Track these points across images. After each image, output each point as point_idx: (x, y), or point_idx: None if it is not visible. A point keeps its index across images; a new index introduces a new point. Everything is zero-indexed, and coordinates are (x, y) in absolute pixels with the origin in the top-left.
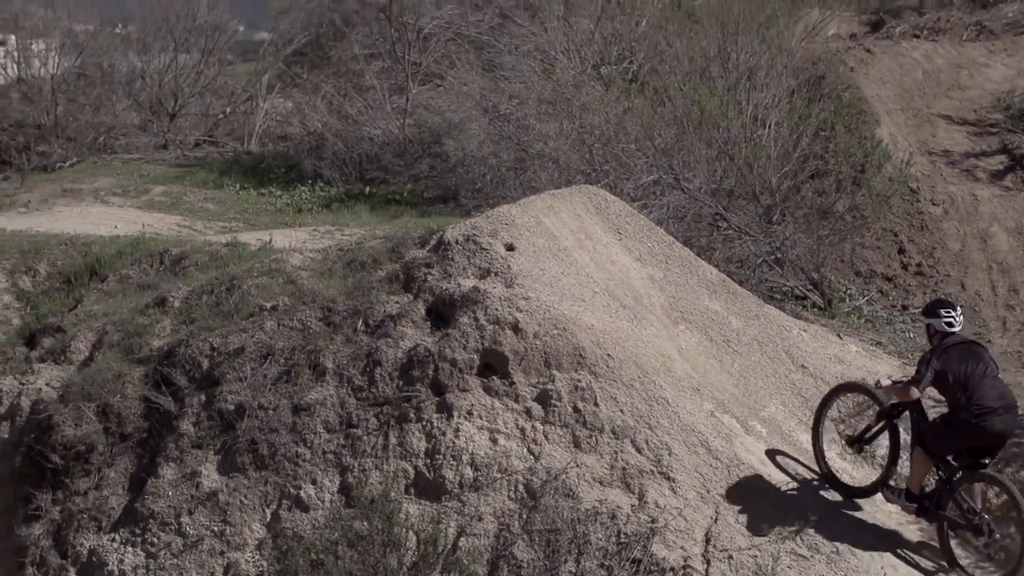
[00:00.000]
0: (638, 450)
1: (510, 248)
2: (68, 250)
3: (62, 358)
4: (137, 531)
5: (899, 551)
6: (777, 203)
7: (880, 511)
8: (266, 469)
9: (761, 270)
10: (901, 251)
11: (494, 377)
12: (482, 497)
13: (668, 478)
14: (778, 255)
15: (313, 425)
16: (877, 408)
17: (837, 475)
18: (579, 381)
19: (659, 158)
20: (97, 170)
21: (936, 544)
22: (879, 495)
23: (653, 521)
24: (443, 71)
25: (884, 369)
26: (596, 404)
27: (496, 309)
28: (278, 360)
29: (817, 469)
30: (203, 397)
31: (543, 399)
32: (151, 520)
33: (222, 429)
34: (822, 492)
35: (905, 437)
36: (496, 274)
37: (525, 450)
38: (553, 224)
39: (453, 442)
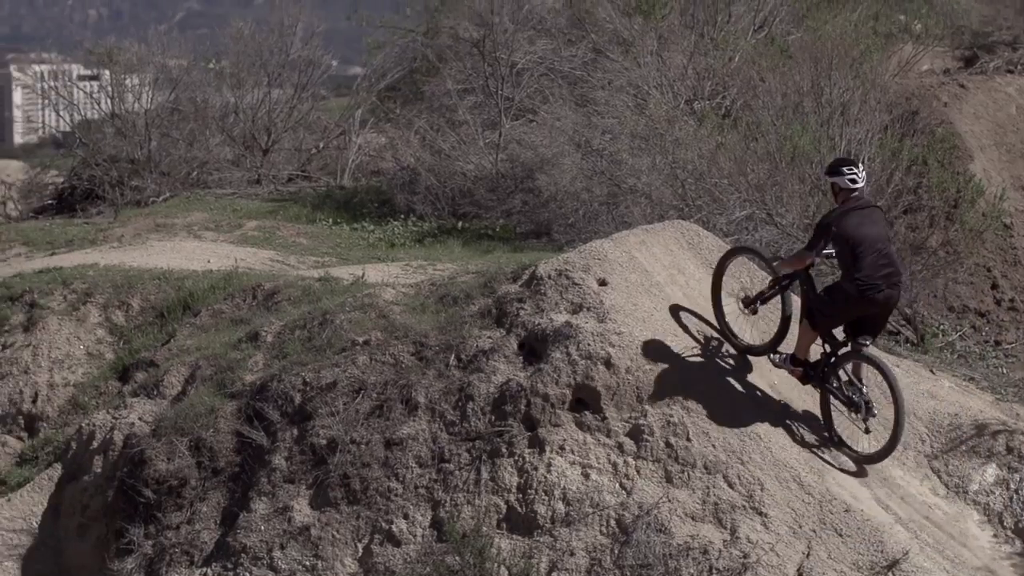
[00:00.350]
0: (730, 485)
1: (602, 283)
2: (161, 285)
3: (155, 393)
4: (229, 566)
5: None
6: None
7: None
8: (358, 504)
9: None
10: (994, 286)
11: (586, 412)
12: (574, 532)
13: (760, 513)
14: None
15: (405, 460)
16: (771, 275)
17: (734, 333)
18: (671, 416)
19: (752, 193)
20: (190, 205)
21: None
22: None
23: (745, 556)
24: (536, 106)
25: (977, 404)
26: (688, 439)
27: (588, 344)
28: (370, 395)
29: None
30: (295, 432)
31: (635, 434)
32: (243, 555)
33: (314, 464)
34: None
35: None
36: (588, 309)
37: (617, 485)
38: (645, 259)
39: (545, 477)
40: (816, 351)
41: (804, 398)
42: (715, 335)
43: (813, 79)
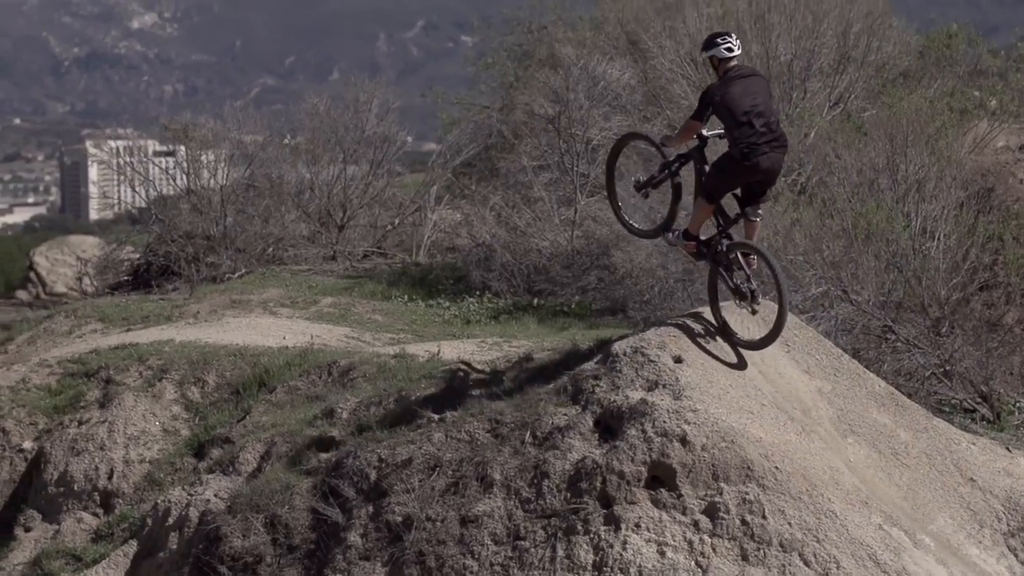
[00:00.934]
0: (806, 563)
1: (678, 360)
2: (237, 361)
3: (230, 469)
4: None
5: None
6: (946, 315)
7: None
8: None
9: (930, 383)
10: None
11: (662, 489)
12: None
13: None
14: (947, 368)
15: (481, 537)
16: (662, 159)
17: (627, 218)
18: (747, 494)
19: (827, 270)
20: (266, 281)
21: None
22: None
23: None
24: None
25: None
26: (764, 517)
27: (664, 421)
28: (446, 472)
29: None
30: (371, 508)
31: (711, 512)
32: None
33: (390, 541)
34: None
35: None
36: (664, 386)
37: (693, 563)
38: (721, 336)
39: (621, 555)
40: (710, 228)
41: (880, 475)
42: (792, 413)
43: (888, 156)
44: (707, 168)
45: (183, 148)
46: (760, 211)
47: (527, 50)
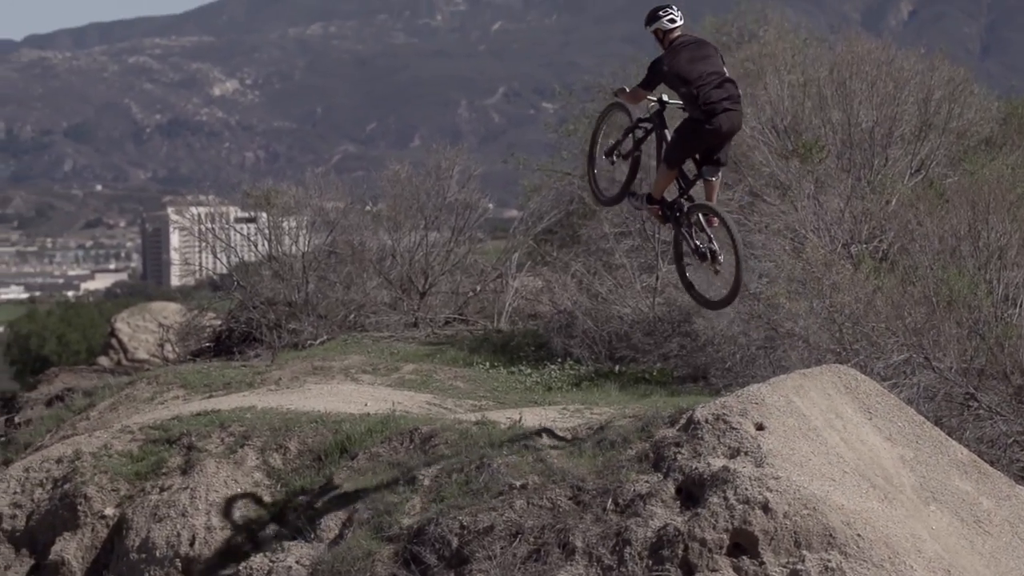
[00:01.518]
0: None
1: (760, 427)
2: (318, 428)
3: (312, 536)
4: None
5: None
6: None
7: None
8: None
9: (1012, 450)
10: None
11: (744, 557)
12: None
13: None
14: None
15: None
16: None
17: (597, 186)
18: (829, 561)
19: (909, 337)
20: (347, 348)
21: None
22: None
23: None
24: None
25: None
26: None
27: (746, 489)
28: (528, 539)
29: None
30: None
31: None
32: None
33: None
34: None
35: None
36: (746, 453)
37: None
38: (803, 404)
39: None
40: (673, 192)
41: (962, 543)
42: (874, 480)
43: (970, 223)
44: (668, 134)
45: (264, 214)
46: (718, 171)
47: None
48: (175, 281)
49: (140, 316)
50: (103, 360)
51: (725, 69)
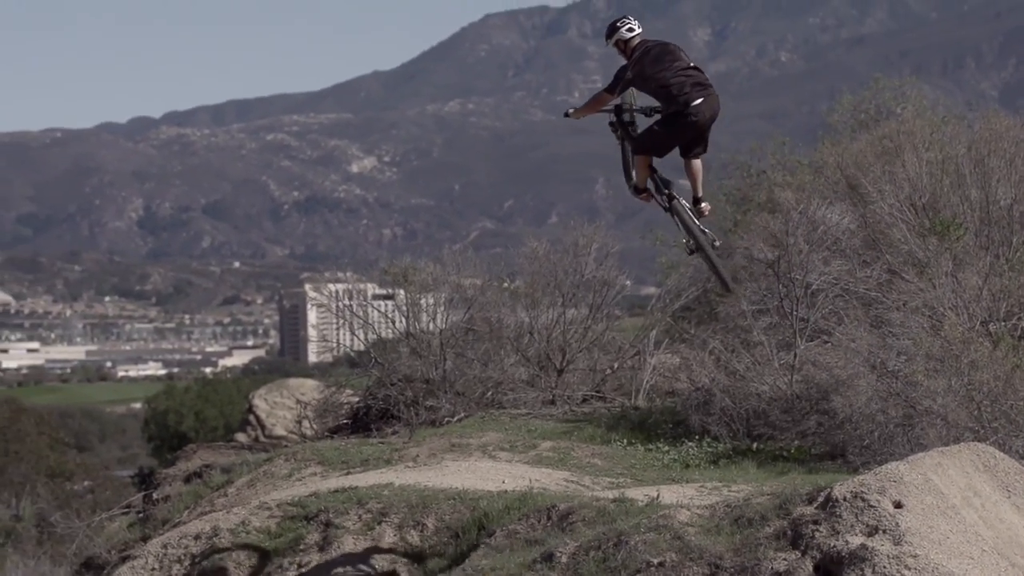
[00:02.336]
0: None
1: (898, 505)
2: (456, 505)
3: None
4: None
5: None
6: None
7: None
8: None
9: None
10: None
11: None
12: None
13: None
14: None
15: None
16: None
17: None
18: None
19: None
20: (485, 425)
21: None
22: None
23: None
24: (831, 327)
25: None
26: None
27: (884, 567)
28: None
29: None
30: None
31: None
32: None
33: None
34: None
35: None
36: (884, 531)
37: None
38: (941, 481)
39: None
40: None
41: None
42: (1013, 559)
43: None
44: (637, 132)
45: (402, 291)
46: (699, 149)
47: (746, 194)
48: (312, 358)
49: (278, 393)
50: (241, 436)
51: (691, 63)
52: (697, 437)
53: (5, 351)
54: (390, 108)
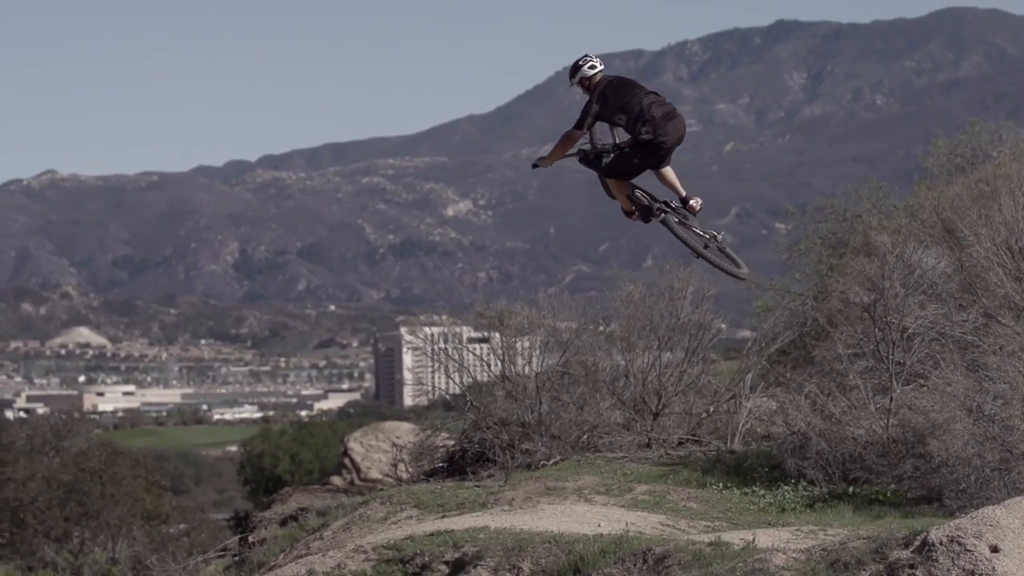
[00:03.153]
0: None
1: (995, 550)
2: (552, 548)
3: None
4: None
5: None
6: None
7: None
8: None
9: None
10: None
11: None
12: None
13: None
14: None
15: None
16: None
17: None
18: None
19: None
20: (580, 468)
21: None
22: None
23: None
24: (927, 371)
25: None
26: None
27: None
28: None
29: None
30: None
31: None
32: None
33: None
34: None
35: None
36: None
37: None
38: None
39: None
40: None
41: None
42: None
43: None
44: (605, 162)
45: (498, 334)
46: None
47: (841, 238)
48: (408, 401)
49: (373, 436)
50: (336, 480)
51: (651, 91)
52: (793, 481)
53: (101, 394)
54: (485, 151)
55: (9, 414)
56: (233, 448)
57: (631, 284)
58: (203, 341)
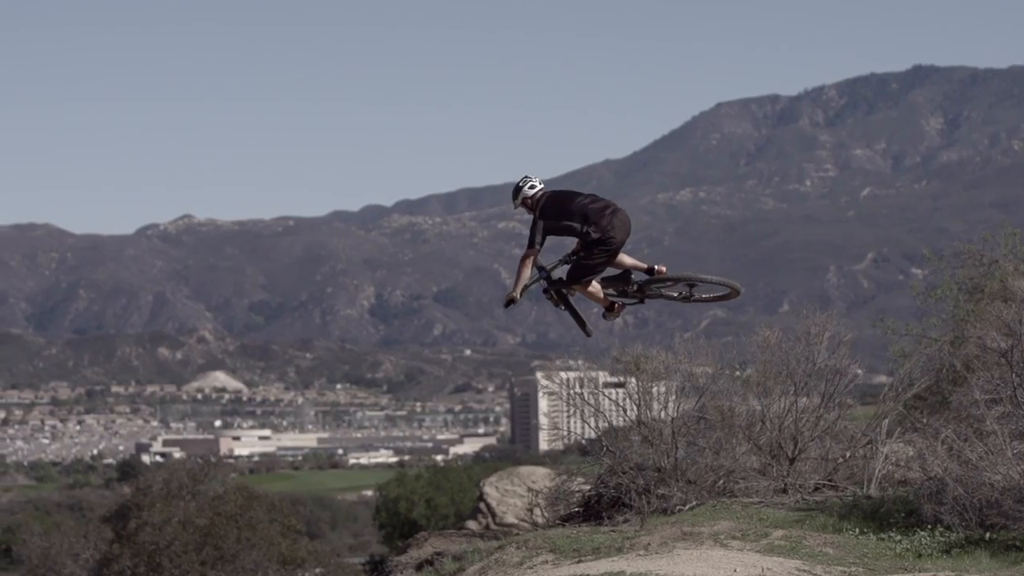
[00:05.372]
0: None
1: None
2: None
3: None
4: None
5: None
6: None
7: None
8: None
9: None
10: None
11: None
12: None
13: None
14: None
15: None
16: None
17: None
18: None
19: None
20: (716, 513)
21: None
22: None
23: None
24: None
25: None
26: None
27: None
28: None
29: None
30: None
31: None
32: None
33: None
34: None
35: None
36: None
37: None
38: None
39: None
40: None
41: None
42: None
43: None
44: (561, 273)
45: (634, 379)
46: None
47: (978, 283)
48: (543, 445)
49: (509, 480)
50: (472, 524)
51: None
52: (929, 526)
53: (237, 438)
54: (621, 196)
55: (146, 458)
56: (369, 492)
57: (767, 329)
58: (339, 385)
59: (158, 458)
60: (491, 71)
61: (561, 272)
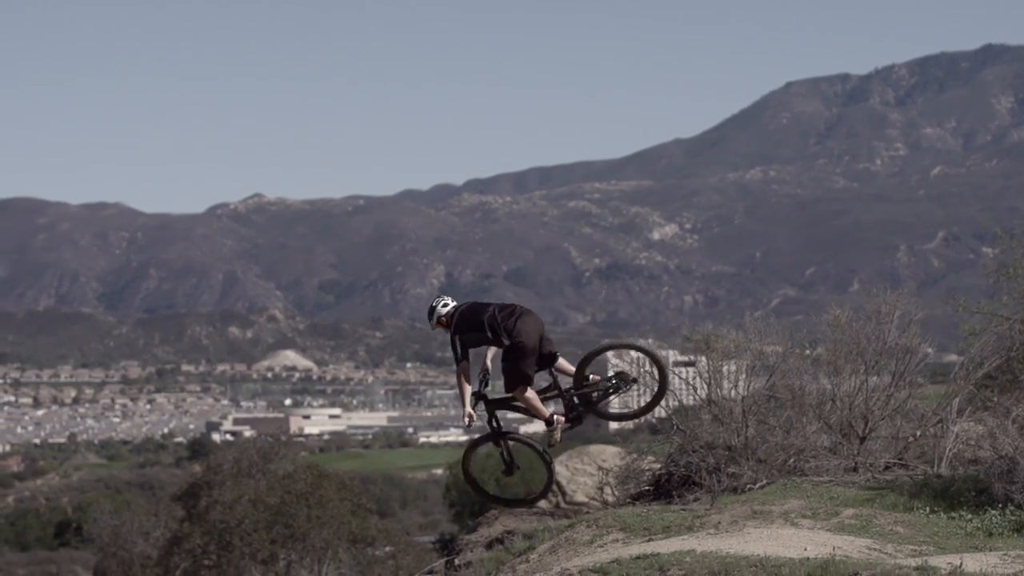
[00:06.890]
0: None
1: None
2: (757, 572)
3: None
4: None
5: None
6: None
7: None
8: None
9: None
10: None
11: None
12: None
13: None
14: None
15: None
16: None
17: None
18: None
19: None
20: (787, 492)
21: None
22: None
23: None
24: None
25: None
26: None
27: None
28: None
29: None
30: None
31: None
32: None
33: None
34: None
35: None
36: None
37: None
38: None
39: None
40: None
41: None
42: None
43: None
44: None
45: (704, 358)
46: (556, 359)
47: None
48: (614, 425)
49: (579, 459)
50: (542, 503)
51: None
52: (1000, 505)
53: (308, 417)
54: (691, 175)
55: (216, 437)
56: (439, 471)
57: (838, 308)
58: (409, 364)
59: (228, 437)
60: (563, 51)
61: (497, 392)
